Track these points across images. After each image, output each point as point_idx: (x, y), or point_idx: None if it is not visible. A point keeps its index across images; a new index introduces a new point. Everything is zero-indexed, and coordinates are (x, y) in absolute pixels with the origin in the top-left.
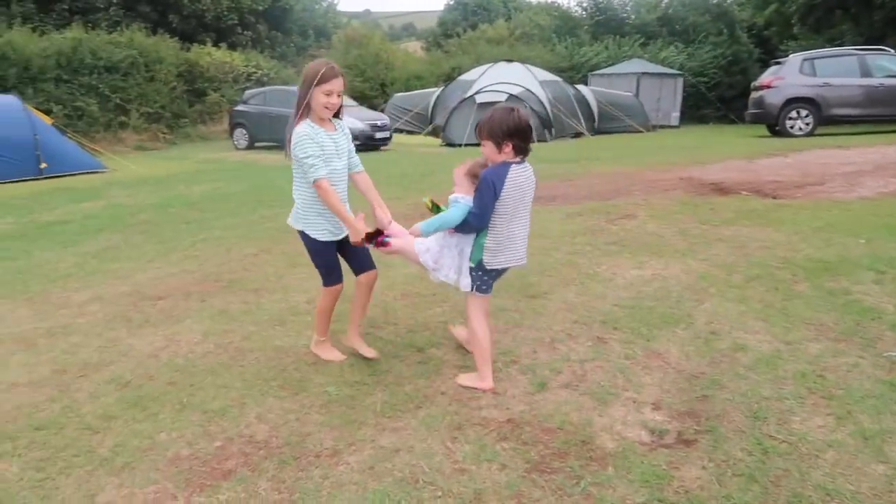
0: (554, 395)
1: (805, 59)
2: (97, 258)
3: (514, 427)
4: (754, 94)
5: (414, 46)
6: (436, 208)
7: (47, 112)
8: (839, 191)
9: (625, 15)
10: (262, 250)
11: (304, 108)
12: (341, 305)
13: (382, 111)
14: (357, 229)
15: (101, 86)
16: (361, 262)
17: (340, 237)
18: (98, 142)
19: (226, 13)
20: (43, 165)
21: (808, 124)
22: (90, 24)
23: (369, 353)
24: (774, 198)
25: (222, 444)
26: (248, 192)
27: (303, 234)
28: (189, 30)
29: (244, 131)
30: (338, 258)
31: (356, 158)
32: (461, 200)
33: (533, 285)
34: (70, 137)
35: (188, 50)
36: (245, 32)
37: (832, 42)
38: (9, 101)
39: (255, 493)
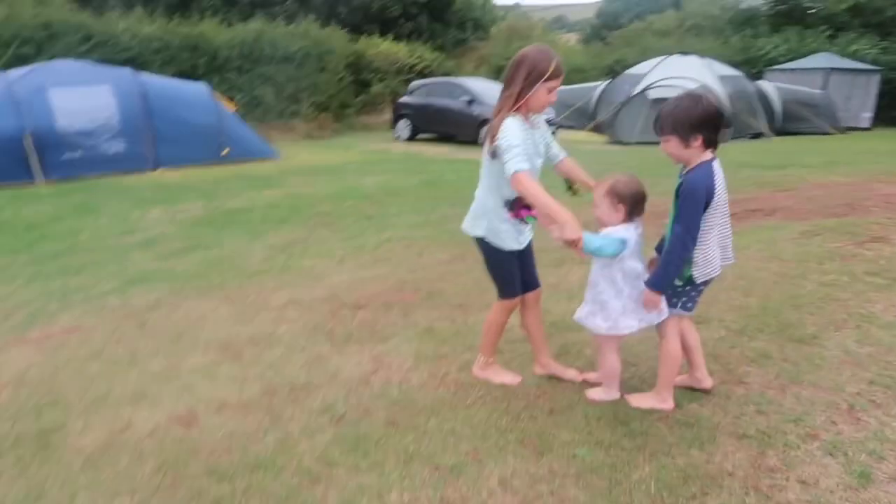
0: (885, 494)
1: None
2: (285, 252)
3: None
4: None
5: (567, 38)
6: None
7: (230, 100)
8: None
9: (809, 4)
10: (455, 257)
11: (519, 102)
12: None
13: None
14: (573, 225)
15: (277, 75)
16: (532, 278)
17: (524, 246)
18: (271, 129)
19: (389, 5)
20: (224, 151)
21: None
22: (269, 17)
23: (571, 374)
24: None
25: None
26: (422, 187)
27: (482, 242)
28: (355, 21)
29: (407, 122)
30: (518, 269)
31: (556, 147)
32: (614, 234)
33: (793, 325)
34: (248, 125)
35: (356, 41)
36: (407, 23)
37: None
38: (200, 88)
39: None
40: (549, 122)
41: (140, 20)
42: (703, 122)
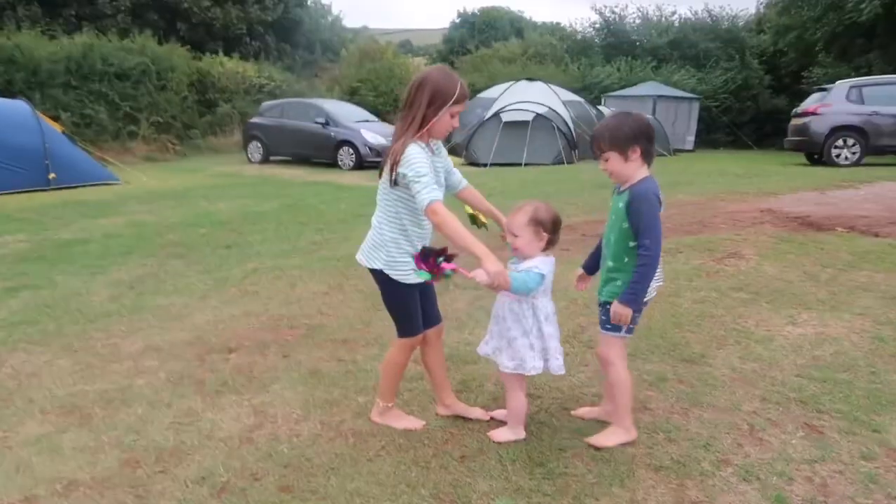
0: None
1: (853, 87)
2: (135, 289)
3: None
4: (797, 121)
5: (417, 63)
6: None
7: (55, 119)
8: None
9: (636, 37)
10: (331, 287)
11: (423, 128)
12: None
13: None
14: (498, 264)
15: (110, 93)
16: (433, 311)
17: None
18: (106, 151)
19: (234, 22)
20: (52, 176)
21: (854, 154)
22: (99, 31)
23: (476, 413)
24: (876, 235)
25: None
26: (282, 212)
27: (379, 275)
28: (197, 38)
29: (259, 144)
30: (419, 303)
31: (458, 174)
32: (534, 270)
33: (679, 344)
34: (80, 146)
35: (199, 59)
36: (253, 43)
37: (858, 70)
38: (18, 106)
39: None
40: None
41: None
42: (637, 132)
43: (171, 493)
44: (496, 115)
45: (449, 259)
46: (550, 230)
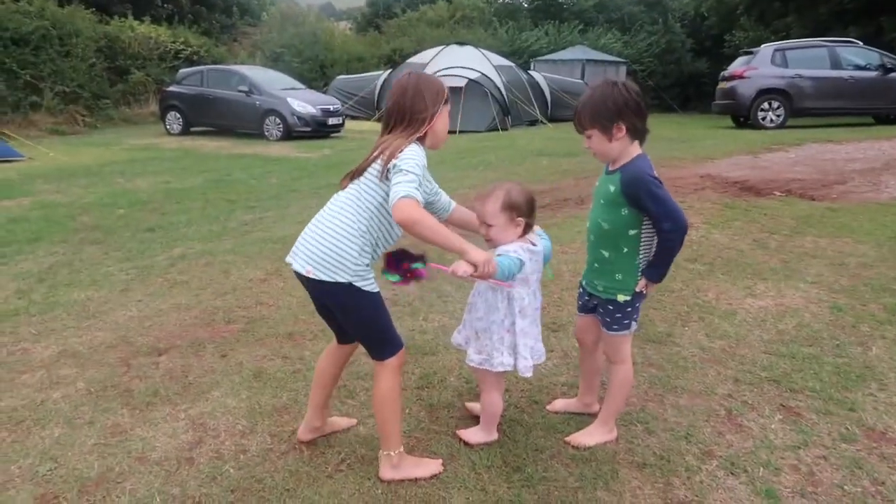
0: None
1: (777, 50)
2: (46, 283)
3: None
4: (724, 85)
5: (343, 27)
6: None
7: None
8: (868, 191)
9: (563, 1)
10: (270, 273)
11: (424, 131)
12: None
13: (325, 94)
14: (483, 254)
15: (7, 60)
16: None
17: None
18: (6, 125)
19: None
20: None
21: (779, 116)
22: None
23: (349, 422)
24: (813, 199)
25: None
26: (208, 188)
27: (345, 290)
28: (102, 1)
29: (178, 114)
30: None
31: (445, 196)
32: (512, 253)
33: (643, 323)
34: None
35: (107, 23)
36: (166, 5)
37: (777, 34)
38: None
39: None
40: (335, 114)
41: None
42: (622, 107)
43: None
44: None
45: (422, 262)
46: (526, 213)
